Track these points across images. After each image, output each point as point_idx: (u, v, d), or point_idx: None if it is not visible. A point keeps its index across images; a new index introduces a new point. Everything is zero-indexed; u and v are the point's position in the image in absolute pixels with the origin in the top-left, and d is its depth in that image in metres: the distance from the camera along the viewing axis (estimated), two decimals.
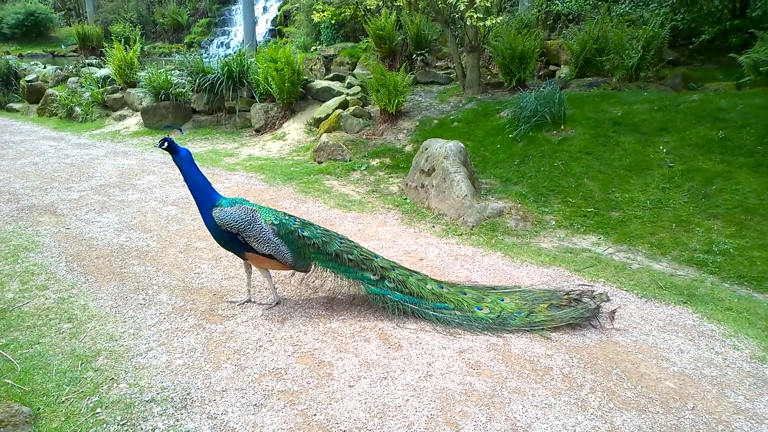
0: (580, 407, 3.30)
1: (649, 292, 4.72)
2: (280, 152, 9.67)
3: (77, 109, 13.48)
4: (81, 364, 3.70)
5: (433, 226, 6.27)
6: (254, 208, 4.26)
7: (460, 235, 5.99)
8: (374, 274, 4.29)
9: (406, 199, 7.09)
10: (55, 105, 14.07)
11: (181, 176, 4.30)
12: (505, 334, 4.04)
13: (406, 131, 9.08)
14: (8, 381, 3.48)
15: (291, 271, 4.48)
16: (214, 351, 3.85)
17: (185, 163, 4.20)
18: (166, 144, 4.13)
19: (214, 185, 4.41)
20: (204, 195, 4.24)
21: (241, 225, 4.12)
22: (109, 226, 6.34)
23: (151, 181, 8.16)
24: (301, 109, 10.73)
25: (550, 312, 4.15)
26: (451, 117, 9.04)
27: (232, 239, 4.20)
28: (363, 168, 8.28)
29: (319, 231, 4.37)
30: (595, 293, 4.30)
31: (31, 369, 3.63)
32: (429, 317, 4.19)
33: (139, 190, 7.70)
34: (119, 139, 11.39)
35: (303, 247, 4.25)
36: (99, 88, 13.57)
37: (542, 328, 4.07)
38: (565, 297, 4.28)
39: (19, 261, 5.36)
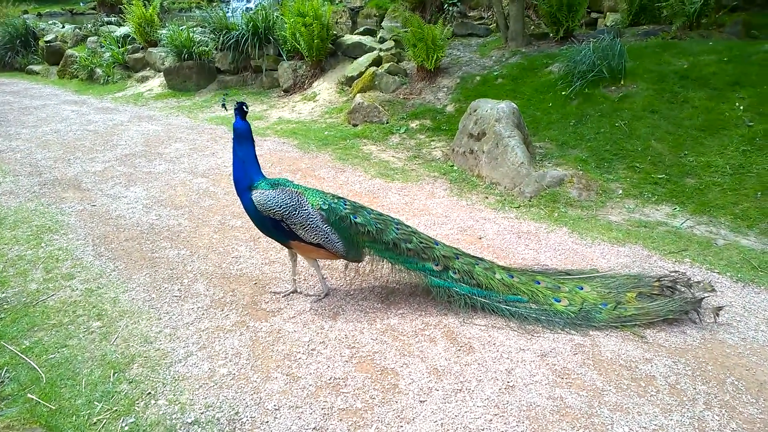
0: (698, 429, 2.72)
1: (744, 275, 4.06)
2: (312, 114, 8.96)
3: (98, 70, 12.84)
4: (114, 374, 3.23)
5: (487, 197, 5.60)
6: (299, 190, 3.67)
7: (518, 207, 5.33)
8: (437, 265, 3.70)
9: (452, 166, 6.40)
10: (75, 67, 13.41)
11: (209, 144, 3.73)
12: (590, 332, 3.44)
13: (446, 89, 8.27)
14: (32, 396, 3.03)
15: (341, 260, 3.91)
16: (262, 356, 3.34)
17: (234, 134, 3.67)
18: (238, 108, 3.68)
19: None
20: (240, 172, 3.68)
21: (285, 210, 3.53)
22: (136, 202, 5.83)
23: (178, 149, 7.57)
24: (331, 66, 9.92)
25: (641, 303, 3.52)
26: (495, 73, 8.18)
27: (275, 226, 3.63)
28: (402, 131, 7.56)
29: (372, 216, 3.76)
30: (691, 280, 3.64)
31: (57, 380, 3.18)
32: (501, 312, 3.60)
33: (167, 160, 7.14)
34: (142, 103, 10.78)
35: (356, 235, 3.66)
36: (119, 47, 12.85)
37: (634, 324, 3.46)
38: (656, 284, 3.63)
39: (43, 245, 4.91)
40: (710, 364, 3.15)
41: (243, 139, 3.65)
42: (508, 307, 3.60)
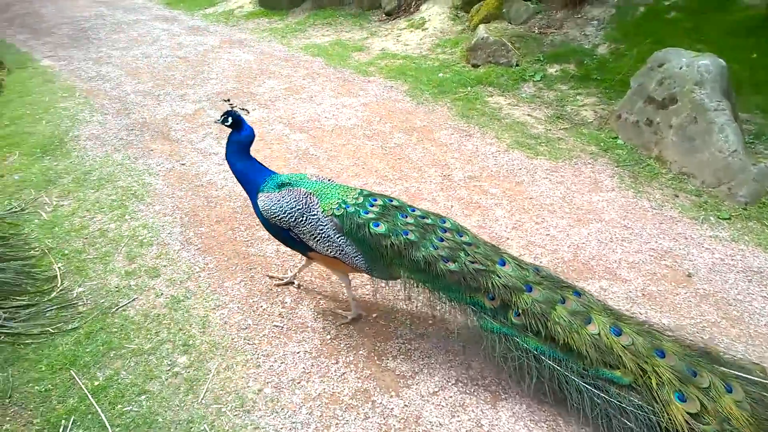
0: None
1: None
2: (420, 47, 7.18)
3: None
4: None
5: (676, 196, 3.88)
6: (311, 190, 2.71)
7: (729, 219, 3.60)
8: (491, 298, 2.34)
9: (616, 138, 4.62)
10: None
11: (306, 83, 2.59)
12: None
13: (596, 23, 6.18)
14: None
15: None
16: None
17: (232, 145, 2.82)
18: (230, 120, 2.80)
19: (345, 96, 2.71)
20: (248, 182, 2.85)
21: (291, 217, 2.64)
22: None
23: (272, 88, 6.21)
24: None
25: None
26: (666, 2, 5.96)
27: (287, 236, 2.76)
28: (537, 78, 5.73)
29: (409, 220, 2.59)
30: None
31: None
32: (577, 391, 2.13)
33: (260, 103, 5.82)
34: (233, 22, 9.34)
35: (378, 248, 2.54)
36: None
37: None
38: None
39: (127, 217, 3.98)
40: None
41: (240, 146, 2.82)
42: (588, 387, 2.11)
